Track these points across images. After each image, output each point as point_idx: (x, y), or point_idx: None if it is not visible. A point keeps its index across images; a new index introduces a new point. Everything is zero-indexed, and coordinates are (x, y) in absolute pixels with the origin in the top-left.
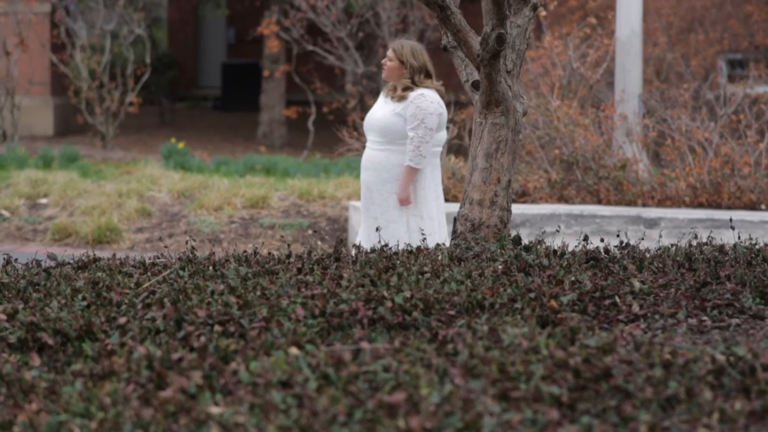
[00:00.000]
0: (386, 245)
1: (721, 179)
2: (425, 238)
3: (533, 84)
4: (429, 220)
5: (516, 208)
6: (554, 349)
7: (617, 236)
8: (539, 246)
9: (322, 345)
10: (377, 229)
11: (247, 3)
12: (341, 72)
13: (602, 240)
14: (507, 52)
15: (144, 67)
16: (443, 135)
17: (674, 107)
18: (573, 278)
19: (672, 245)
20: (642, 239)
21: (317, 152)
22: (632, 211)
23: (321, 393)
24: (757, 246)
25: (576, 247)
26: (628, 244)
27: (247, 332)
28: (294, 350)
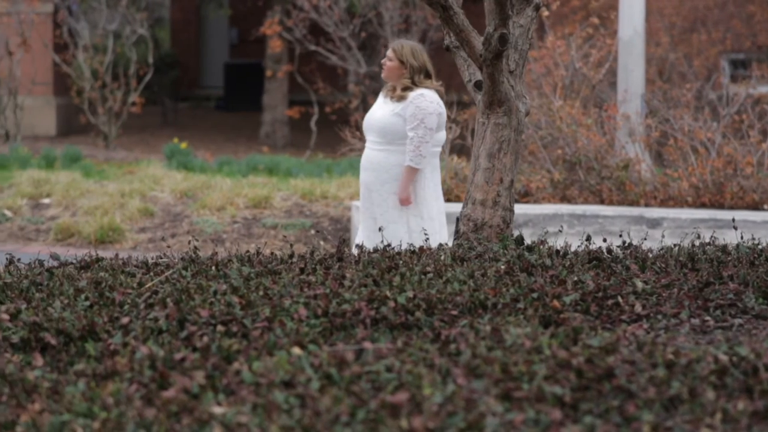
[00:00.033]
0: (389, 245)
1: (724, 179)
2: (428, 238)
3: (536, 84)
4: (429, 221)
5: (519, 208)
6: (557, 349)
7: (620, 236)
8: (542, 246)
9: (325, 345)
10: (380, 229)
11: (250, 3)
12: (344, 72)
13: (605, 240)
14: (509, 52)
15: (146, 67)
16: (443, 135)
17: (677, 107)
18: (576, 278)
19: (675, 245)
20: (645, 239)
21: (320, 152)
22: (635, 211)
23: (324, 393)
24: (760, 246)
25: (578, 247)
26: (631, 244)
27: (250, 332)
28: (297, 350)
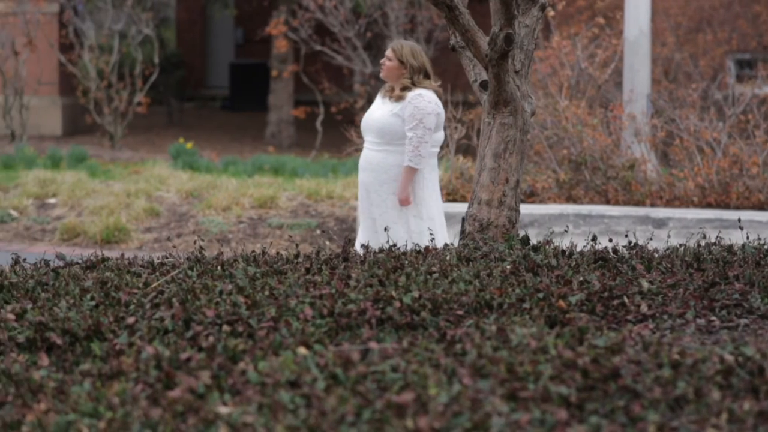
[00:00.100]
0: (394, 245)
1: (730, 179)
2: (433, 238)
3: (541, 84)
4: (429, 221)
5: (524, 208)
6: (562, 349)
7: (625, 236)
8: (547, 246)
9: (331, 345)
10: (385, 229)
11: (255, 3)
12: (349, 72)
13: (610, 240)
14: (515, 52)
15: (152, 67)
16: (441, 135)
17: (683, 107)
18: (581, 278)
19: (680, 245)
20: (650, 239)
21: (325, 152)
22: (641, 211)
23: (329, 393)
24: (766, 246)
25: (584, 248)
26: (637, 244)
27: (256, 332)
28: (302, 350)
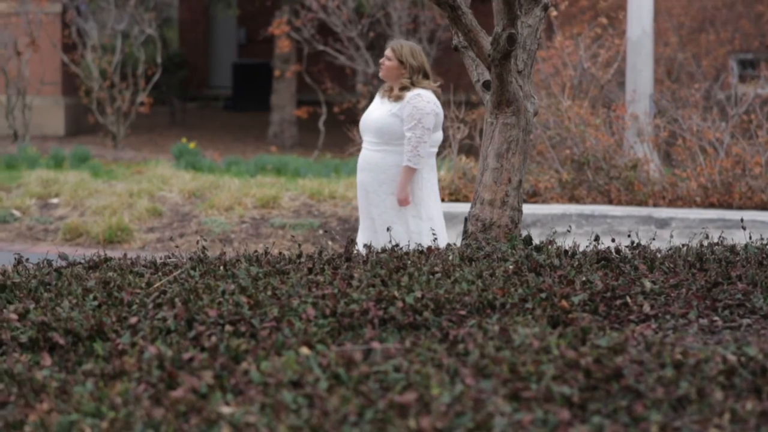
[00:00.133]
0: (397, 245)
1: (732, 179)
2: (436, 238)
3: (544, 84)
4: (428, 221)
5: (527, 208)
6: (565, 349)
7: (628, 236)
8: (550, 246)
9: (333, 345)
10: (388, 229)
11: (258, 3)
12: (352, 72)
13: (613, 240)
14: (518, 52)
15: (155, 67)
16: (439, 135)
17: (685, 107)
18: (584, 278)
19: (683, 245)
20: (653, 239)
21: (328, 152)
22: (643, 211)
23: (332, 393)
24: None
25: (587, 247)
26: (639, 244)
27: (258, 332)
28: (305, 350)
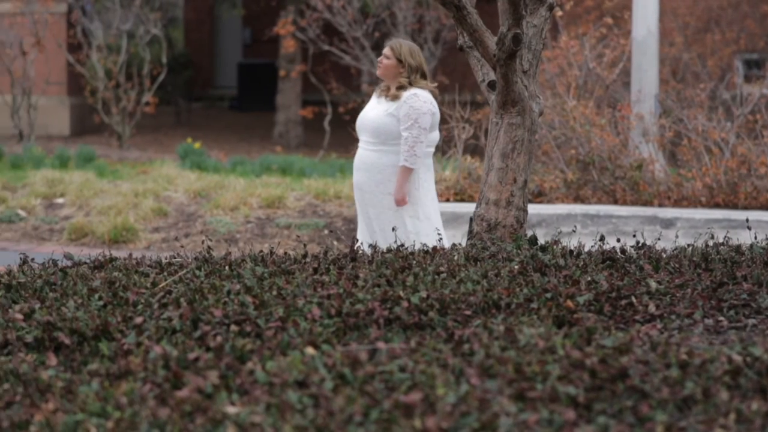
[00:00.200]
0: (402, 245)
1: (738, 179)
2: (441, 238)
3: (549, 84)
4: (426, 220)
5: (532, 208)
6: (570, 350)
7: (633, 236)
8: (555, 246)
9: (338, 345)
10: (393, 229)
11: (263, 3)
12: (357, 72)
13: (618, 240)
14: (523, 52)
15: (160, 67)
16: (436, 135)
17: (690, 107)
18: (589, 278)
19: (688, 245)
20: (658, 239)
21: (333, 152)
22: (648, 211)
23: (337, 393)
24: None
25: (592, 247)
26: (645, 245)
27: (264, 332)
28: (310, 350)
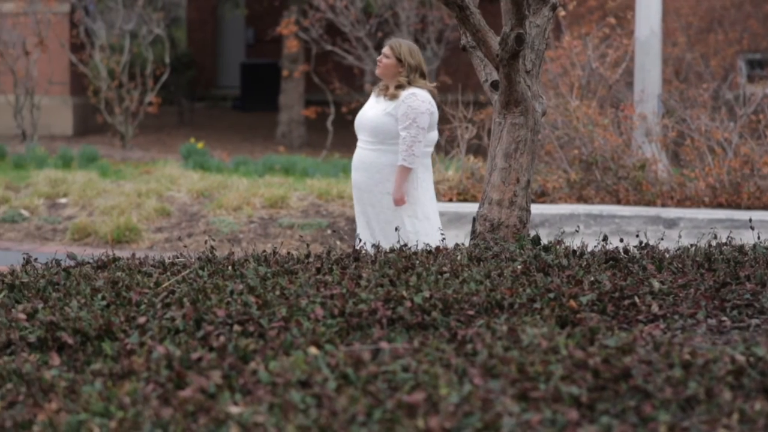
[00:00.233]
0: (405, 245)
1: (741, 179)
2: (444, 238)
3: (552, 84)
4: (425, 220)
5: (535, 208)
6: (573, 350)
7: (636, 236)
8: (558, 246)
9: (342, 345)
10: (396, 229)
11: (266, 3)
12: (360, 72)
13: (621, 240)
14: (526, 52)
15: (163, 67)
16: (434, 135)
17: (693, 107)
18: (592, 278)
19: (691, 245)
20: (661, 239)
21: (336, 152)
22: (651, 212)
23: (340, 393)
24: None
25: (595, 248)
26: (648, 245)
27: (267, 332)
28: (313, 350)
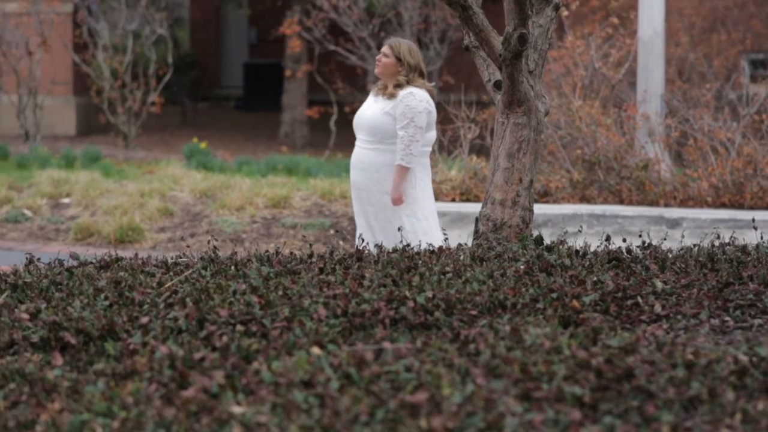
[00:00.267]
0: (407, 245)
1: (744, 179)
2: (447, 238)
3: (555, 84)
4: (424, 220)
5: (538, 208)
6: (576, 350)
7: (639, 236)
8: (561, 246)
9: (344, 345)
10: (399, 229)
11: (269, 3)
12: (363, 72)
13: (624, 240)
14: (529, 52)
15: (166, 67)
16: (433, 134)
17: (696, 107)
18: (595, 278)
19: (694, 245)
20: (664, 239)
21: (339, 152)
22: (654, 211)
23: (343, 393)
24: None
25: (598, 247)
26: (651, 245)
27: (269, 332)
28: (316, 350)
